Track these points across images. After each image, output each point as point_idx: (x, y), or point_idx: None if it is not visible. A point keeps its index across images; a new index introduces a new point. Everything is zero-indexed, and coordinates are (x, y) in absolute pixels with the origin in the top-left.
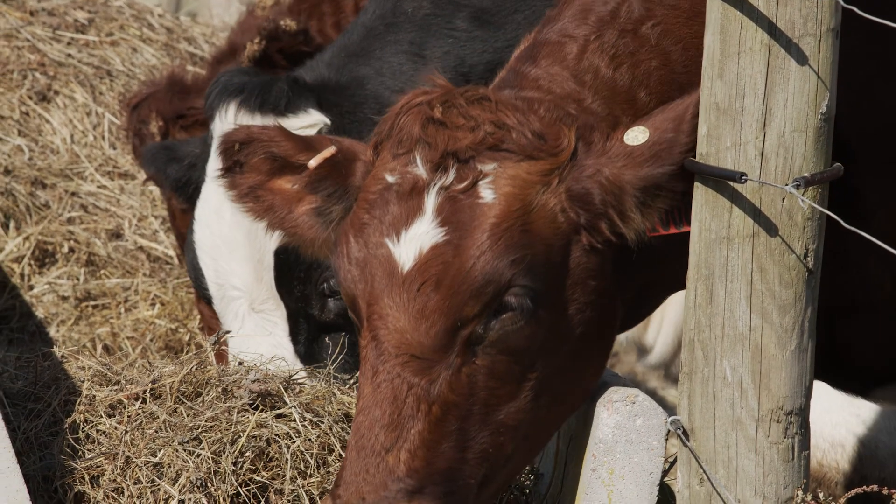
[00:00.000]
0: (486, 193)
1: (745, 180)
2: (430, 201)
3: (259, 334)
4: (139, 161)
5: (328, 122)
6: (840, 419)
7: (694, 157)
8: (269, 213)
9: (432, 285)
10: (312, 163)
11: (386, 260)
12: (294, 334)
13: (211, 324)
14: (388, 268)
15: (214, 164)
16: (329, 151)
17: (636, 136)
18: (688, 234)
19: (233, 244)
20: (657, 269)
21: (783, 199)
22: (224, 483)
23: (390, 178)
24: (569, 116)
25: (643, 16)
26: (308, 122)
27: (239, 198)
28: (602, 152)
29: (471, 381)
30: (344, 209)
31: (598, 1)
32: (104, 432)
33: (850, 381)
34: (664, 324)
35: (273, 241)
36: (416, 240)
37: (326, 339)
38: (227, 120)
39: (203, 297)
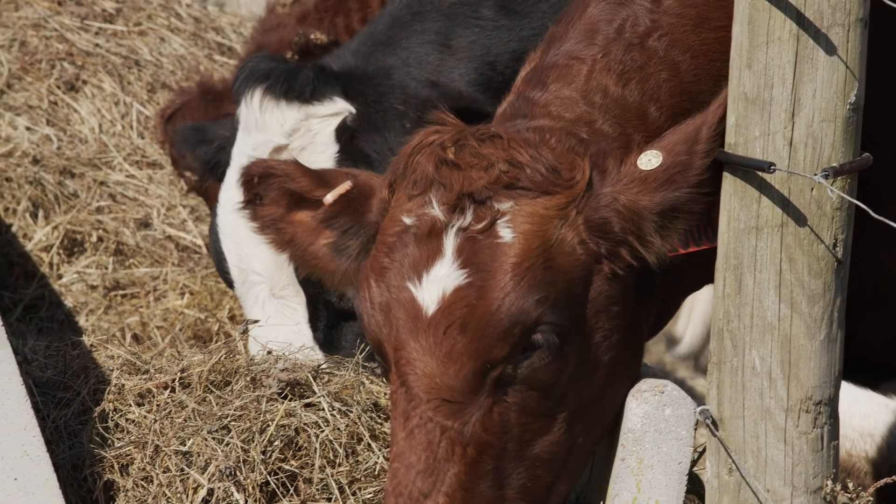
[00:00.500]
0: (505, 233)
1: (774, 170)
2: (450, 243)
3: (279, 320)
4: (178, 170)
5: (353, 110)
6: (869, 409)
7: (716, 162)
8: (290, 245)
9: (458, 328)
10: (328, 199)
11: (409, 304)
12: (313, 321)
13: None
14: (412, 312)
15: (237, 147)
16: (344, 187)
17: (649, 160)
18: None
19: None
20: (677, 281)
21: (812, 188)
22: (253, 472)
23: (407, 220)
24: (581, 144)
25: (649, 28)
26: (333, 109)
27: (261, 229)
28: (617, 179)
29: (503, 420)
30: (361, 244)
31: (603, 19)
32: (133, 421)
33: (861, 374)
34: (693, 314)
35: None
36: (439, 282)
37: (345, 326)
38: (253, 106)
39: (225, 281)
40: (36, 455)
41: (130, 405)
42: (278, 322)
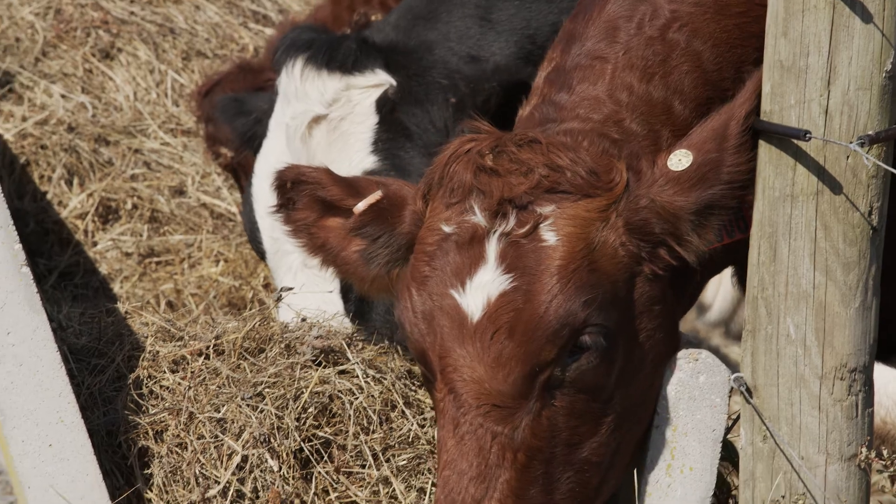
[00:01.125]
0: (549, 236)
1: (810, 138)
2: (492, 248)
3: (311, 290)
4: (213, 149)
5: (394, 83)
6: None
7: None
8: (321, 250)
9: (505, 333)
10: (358, 208)
11: (454, 311)
12: (344, 292)
13: None
14: (456, 318)
15: (275, 116)
16: (375, 197)
17: (679, 160)
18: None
19: None
20: (706, 268)
21: (847, 156)
22: (287, 438)
23: (447, 228)
24: (614, 145)
25: (669, 19)
26: (374, 81)
27: (293, 233)
28: (652, 181)
29: (552, 424)
30: (390, 253)
31: (623, 15)
32: (168, 388)
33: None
34: (723, 281)
35: None
36: (483, 288)
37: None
38: (294, 75)
39: (256, 250)
40: (71, 421)
41: (165, 372)
42: (310, 291)
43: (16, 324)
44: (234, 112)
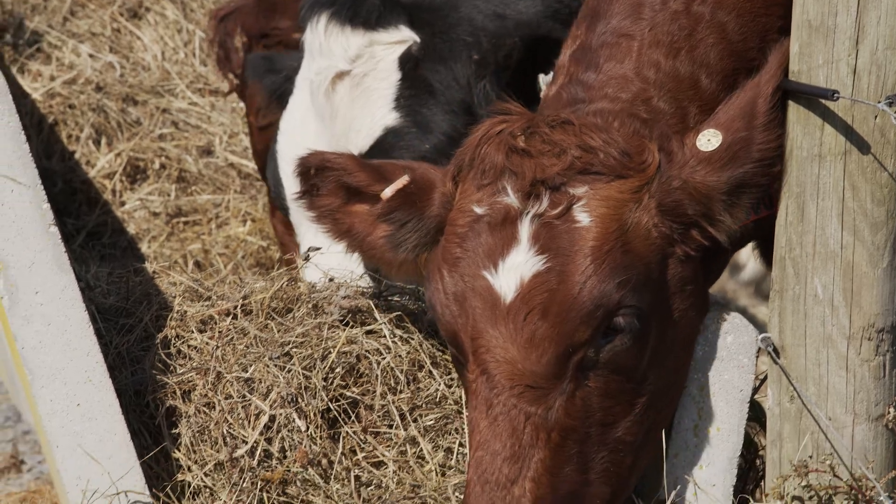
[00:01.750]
0: (582, 217)
1: (838, 98)
2: (525, 230)
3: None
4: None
5: (418, 40)
6: None
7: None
8: (347, 235)
9: (539, 313)
10: (385, 193)
11: (486, 292)
12: None
13: (284, 240)
14: (489, 300)
15: (301, 72)
16: (402, 182)
17: (709, 140)
18: None
19: None
20: (733, 247)
21: (875, 116)
22: (314, 398)
23: (479, 210)
24: (644, 125)
25: None
26: (398, 37)
27: (318, 219)
28: (683, 161)
29: (586, 404)
30: (419, 237)
31: None
32: (195, 347)
33: None
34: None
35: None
36: (516, 269)
37: None
38: (318, 31)
39: (280, 207)
40: (98, 381)
41: (192, 332)
42: (332, 250)
43: (44, 283)
44: (264, 70)
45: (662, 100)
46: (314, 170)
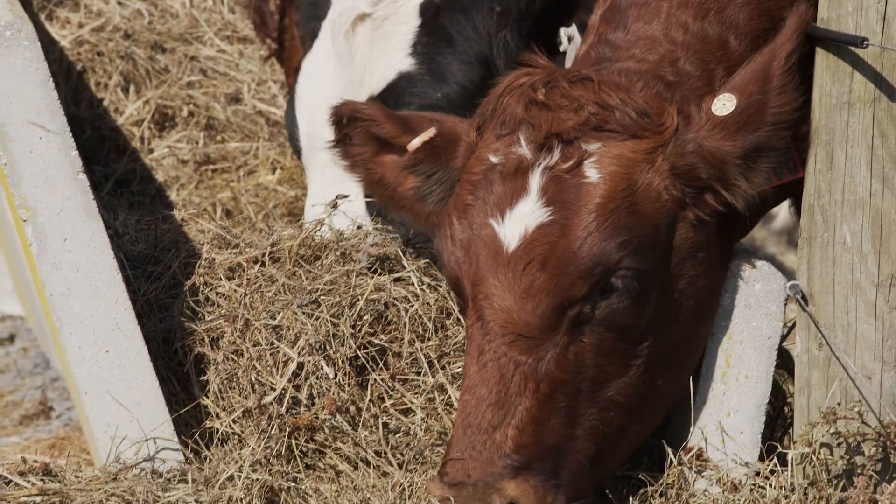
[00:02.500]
0: (592, 173)
1: (867, 45)
2: (535, 181)
3: (336, 187)
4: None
5: None
6: None
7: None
8: (379, 185)
9: (538, 265)
10: (412, 145)
11: (491, 240)
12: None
13: None
14: (493, 248)
15: (329, 15)
16: (428, 134)
17: (724, 104)
18: None
19: (330, 95)
20: (757, 212)
21: None
22: (342, 346)
23: (494, 159)
24: (668, 88)
25: None
26: None
27: (351, 168)
28: (699, 126)
29: (578, 359)
30: (445, 190)
31: None
32: (223, 295)
33: None
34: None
35: (365, 96)
36: (522, 219)
37: None
38: None
39: (294, 149)
40: (127, 328)
41: (221, 279)
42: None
43: (72, 230)
44: (310, 16)
45: (689, 62)
46: (346, 119)
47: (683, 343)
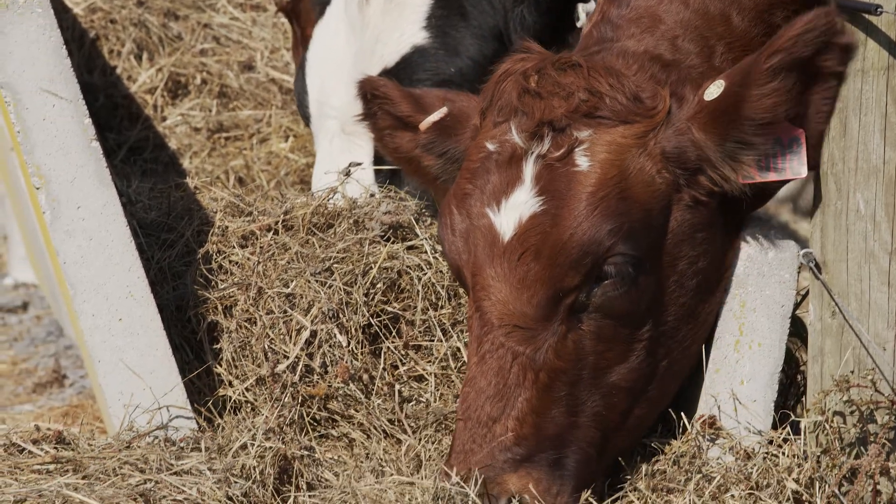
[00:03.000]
0: (582, 161)
1: (881, 13)
2: (529, 170)
3: (344, 155)
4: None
5: None
6: None
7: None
8: (404, 161)
9: (532, 255)
10: (423, 125)
11: (487, 230)
12: (378, 161)
13: None
14: (489, 238)
15: None
16: (439, 114)
17: (715, 90)
18: None
19: (341, 63)
20: (760, 199)
21: None
22: (356, 314)
23: (491, 147)
24: (664, 70)
25: None
26: None
27: (379, 141)
28: (690, 109)
29: (577, 347)
30: (456, 169)
31: None
32: (237, 263)
33: None
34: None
35: (377, 67)
36: (516, 209)
37: None
38: None
39: (303, 115)
40: (140, 296)
41: (234, 247)
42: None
43: (86, 198)
44: None
45: (688, 39)
46: (370, 94)
47: (686, 323)
